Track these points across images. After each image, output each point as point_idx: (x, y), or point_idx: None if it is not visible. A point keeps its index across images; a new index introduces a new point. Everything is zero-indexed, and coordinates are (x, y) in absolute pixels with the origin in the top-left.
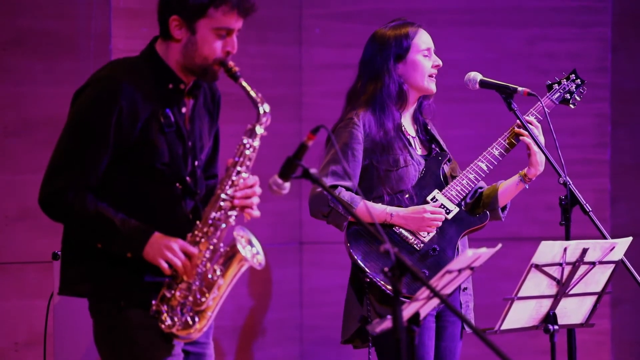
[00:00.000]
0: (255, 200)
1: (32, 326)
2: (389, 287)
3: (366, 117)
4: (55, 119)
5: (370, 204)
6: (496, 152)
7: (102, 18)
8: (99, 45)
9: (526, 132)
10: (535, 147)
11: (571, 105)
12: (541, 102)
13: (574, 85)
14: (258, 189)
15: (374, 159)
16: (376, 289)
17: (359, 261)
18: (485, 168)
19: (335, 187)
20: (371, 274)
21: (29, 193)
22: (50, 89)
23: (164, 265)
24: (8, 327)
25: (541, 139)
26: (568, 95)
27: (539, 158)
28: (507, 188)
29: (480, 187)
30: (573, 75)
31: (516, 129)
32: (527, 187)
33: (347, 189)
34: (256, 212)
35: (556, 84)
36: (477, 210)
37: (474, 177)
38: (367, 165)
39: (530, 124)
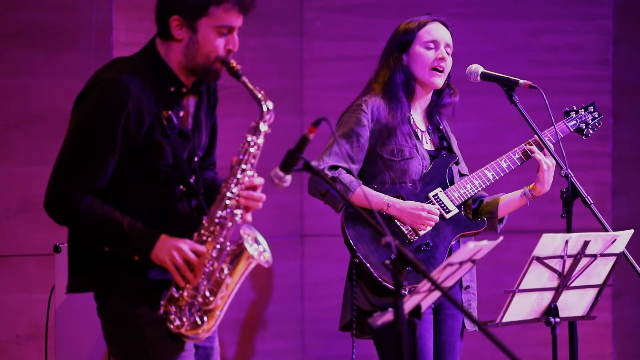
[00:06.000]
0: (257, 205)
1: (33, 319)
2: (377, 272)
3: (375, 102)
4: (56, 111)
5: (368, 190)
6: (504, 165)
7: (103, 10)
8: (100, 38)
9: (537, 150)
10: (544, 166)
11: (584, 137)
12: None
13: (590, 117)
14: (262, 195)
15: (379, 143)
16: (366, 275)
17: (351, 241)
18: (490, 177)
19: (336, 167)
20: (361, 255)
21: (30, 186)
22: (51, 82)
23: (172, 268)
24: (9, 320)
25: (550, 160)
26: (583, 125)
27: (548, 177)
28: (509, 201)
29: (482, 196)
30: (591, 107)
31: (527, 147)
32: (529, 204)
33: (348, 171)
34: (249, 217)
35: (573, 112)
36: (475, 217)
37: (479, 183)
38: (372, 148)
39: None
